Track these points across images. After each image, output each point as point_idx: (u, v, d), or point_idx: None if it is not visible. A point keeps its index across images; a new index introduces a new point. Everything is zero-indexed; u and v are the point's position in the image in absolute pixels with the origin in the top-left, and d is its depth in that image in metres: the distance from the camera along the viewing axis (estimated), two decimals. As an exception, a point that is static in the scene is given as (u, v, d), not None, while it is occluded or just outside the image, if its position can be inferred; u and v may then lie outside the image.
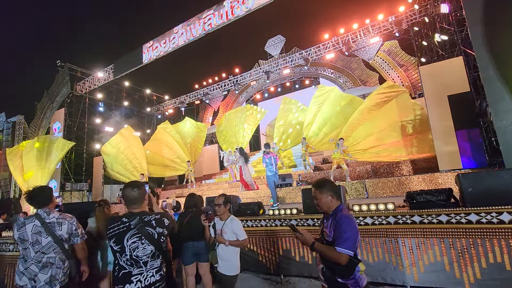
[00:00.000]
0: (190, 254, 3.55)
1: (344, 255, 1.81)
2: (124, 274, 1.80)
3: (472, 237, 3.28)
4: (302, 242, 2.00)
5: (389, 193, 7.10)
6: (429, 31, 11.51)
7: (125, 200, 1.97)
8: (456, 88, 7.06)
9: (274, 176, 7.34)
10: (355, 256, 1.86)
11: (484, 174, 3.38)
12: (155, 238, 1.84)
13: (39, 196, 2.39)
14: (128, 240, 1.79)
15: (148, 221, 1.87)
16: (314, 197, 2.07)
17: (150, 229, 1.85)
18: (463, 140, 6.92)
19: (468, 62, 8.25)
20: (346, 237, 1.83)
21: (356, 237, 1.88)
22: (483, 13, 5.45)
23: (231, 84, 17.93)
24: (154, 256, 1.85)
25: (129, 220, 1.84)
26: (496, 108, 5.21)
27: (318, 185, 2.06)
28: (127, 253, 1.78)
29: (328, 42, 14.43)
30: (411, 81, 14.39)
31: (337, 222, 1.92)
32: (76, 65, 16.61)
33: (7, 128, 17.63)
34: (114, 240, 1.81)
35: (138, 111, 20.59)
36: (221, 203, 3.04)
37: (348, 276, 1.87)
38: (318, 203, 2.06)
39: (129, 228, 1.82)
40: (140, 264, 1.80)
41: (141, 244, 1.80)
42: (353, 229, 1.88)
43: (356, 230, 1.89)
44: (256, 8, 10.31)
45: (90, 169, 16.12)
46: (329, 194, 2.01)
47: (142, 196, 1.98)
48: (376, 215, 3.82)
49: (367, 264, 3.82)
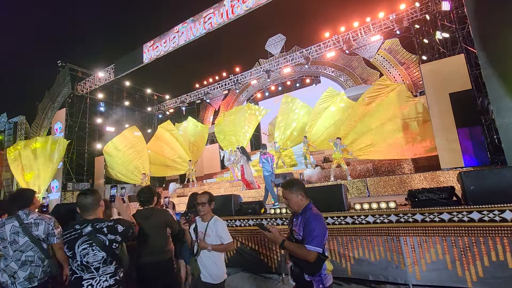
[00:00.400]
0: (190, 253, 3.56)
1: (313, 253, 1.86)
2: (76, 278, 1.89)
3: (474, 235, 3.27)
4: (272, 241, 2.04)
5: (391, 191, 7.09)
6: (430, 28, 11.46)
7: (79, 207, 2.04)
8: (458, 86, 7.04)
9: (271, 176, 7.58)
10: (323, 253, 1.91)
11: (486, 172, 3.37)
12: (106, 245, 1.91)
13: (19, 199, 2.53)
14: (78, 247, 1.87)
15: (99, 228, 1.94)
16: (284, 198, 2.11)
17: (101, 236, 1.92)
18: (464, 138, 6.90)
19: (469, 60, 8.22)
20: (315, 235, 1.88)
21: (324, 235, 1.93)
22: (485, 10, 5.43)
23: (232, 83, 17.90)
24: (106, 262, 1.92)
25: (81, 228, 1.93)
26: (498, 105, 5.20)
27: (287, 185, 2.11)
28: (78, 259, 1.87)
29: (328, 41, 14.39)
30: (412, 79, 14.33)
31: (307, 221, 1.96)
32: (77, 65, 16.62)
33: (9, 128, 17.69)
34: (67, 246, 1.91)
35: (139, 110, 20.61)
36: (205, 202, 2.70)
37: (315, 273, 1.92)
38: (289, 203, 2.09)
39: (80, 235, 1.90)
40: (91, 270, 1.88)
41: (92, 251, 1.88)
42: (322, 227, 1.93)
43: (324, 228, 1.95)
44: (256, 7, 10.28)
45: (91, 169, 16.15)
46: (299, 193, 2.05)
47: (96, 203, 2.06)
48: (378, 214, 3.81)
49: (368, 263, 3.82)
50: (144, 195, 3.16)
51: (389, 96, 8.98)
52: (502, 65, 5.12)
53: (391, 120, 8.86)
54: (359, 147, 9.22)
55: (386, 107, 8.98)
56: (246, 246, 4.93)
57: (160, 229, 3.09)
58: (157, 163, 14.32)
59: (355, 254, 3.93)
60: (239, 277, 4.70)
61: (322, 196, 4.38)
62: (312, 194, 4.41)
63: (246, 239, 4.94)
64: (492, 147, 7.44)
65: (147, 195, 3.16)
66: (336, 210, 4.14)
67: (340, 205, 4.13)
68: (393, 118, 8.81)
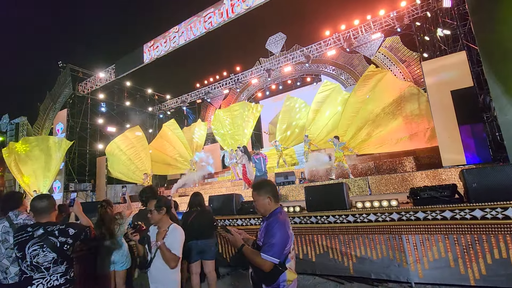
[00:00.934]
0: (194, 252, 3.59)
1: (268, 262, 1.73)
2: (26, 278, 2.00)
3: (477, 233, 3.26)
4: (232, 245, 1.95)
5: (392, 189, 7.08)
6: (431, 26, 11.40)
7: (33, 211, 2.15)
8: (459, 83, 7.00)
9: (262, 175, 7.85)
10: (281, 264, 1.77)
11: (488, 170, 3.35)
12: (57, 247, 2.03)
13: (9, 201, 2.72)
14: (29, 248, 1.98)
15: (51, 231, 2.06)
16: (253, 199, 2.02)
17: (52, 238, 2.03)
18: (466, 135, 6.87)
19: (471, 57, 8.17)
20: (273, 243, 1.75)
21: (285, 244, 1.78)
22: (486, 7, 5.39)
23: (232, 83, 17.90)
24: (57, 263, 2.04)
25: (32, 230, 2.04)
26: (500, 102, 5.16)
27: (256, 187, 2.01)
28: (28, 259, 1.97)
29: (329, 39, 14.34)
30: (413, 76, 14.28)
31: (268, 226, 1.85)
32: (77, 66, 16.66)
33: (11, 129, 17.76)
34: (17, 247, 2.00)
35: (140, 110, 20.63)
36: (153, 209, 2.40)
37: (271, 283, 1.80)
38: (256, 205, 2.00)
39: (32, 237, 2.01)
40: (41, 270, 2.00)
41: (42, 252, 1.99)
42: (283, 235, 1.78)
43: (286, 237, 1.79)
44: (256, 6, 10.25)
45: (93, 169, 16.20)
46: (266, 196, 1.93)
47: (51, 207, 2.20)
48: (380, 212, 3.80)
49: (370, 261, 3.81)
50: (146, 195, 3.20)
51: (380, 85, 8.98)
52: (504, 61, 5.09)
53: (385, 109, 8.86)
54: (358, 141, 9.21)
55: (379, 97, 8.96)
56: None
57: None
58: (160, 161, 14.37)
59: (357, 252, 3.93)
60: (240, 276, 4.70)
61: (323, 194, 4.38)
62: (313, 193, 4.44)
63: (248, 238, 4.95)
64: (494, 144, 7.40)
65: (148, 195, 3.19)
66: (338, 208, 4.13)
67: (341, 203, 4.12)
68: (388, 107, 8.80)
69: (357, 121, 9.28)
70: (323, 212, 4.22)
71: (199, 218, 3.70)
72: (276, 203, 1.96)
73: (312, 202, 4.40)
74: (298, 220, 4.45)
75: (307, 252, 4.33)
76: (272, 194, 1.95)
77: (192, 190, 12.47)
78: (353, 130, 9.32)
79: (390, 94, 8.84)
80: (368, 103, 9.10)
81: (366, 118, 9.08)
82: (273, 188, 2.00)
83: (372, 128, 9.00)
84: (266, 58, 17.34)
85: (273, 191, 1.98)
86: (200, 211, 3.80)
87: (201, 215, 3.75)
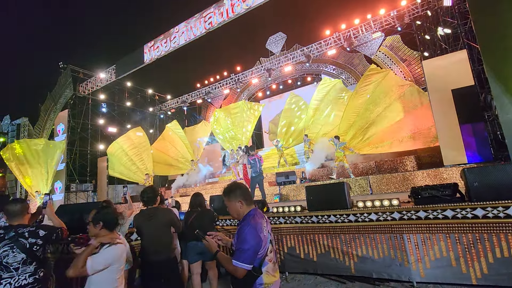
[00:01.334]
0: (194, 253, 3.61)
1: (239, 269, 1.68)
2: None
3: (478, 232, 3.25)
4: (208, 250, 1.93)
5: (394, 189, 7.07)
6: (431, 25, 11.38)
7: (6, 215, 2.29)
8: (460, 82, 6.99)
9: (258, 177, 7.82)
10: (256, 269, 1.73)
11: (490, 169, 3.34)
12: (27, 248, 2.14)
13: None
14: (0, 249, 2.10)
15: (21, 232, 2.19)
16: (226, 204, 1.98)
17: (22, 239, 2.16)
18: (467, 134, 6.86)
19: (472, 55, 8.16)
20: (244, 249, 1.70)
21: (257, 249, 1.72)
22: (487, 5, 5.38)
23: (233, 82, 17.90)
24: (26, 263, 2.15)
25: (4, 232, 2.17)
26: (501, 101, 5.14)
27: (226, 191, 1.96)
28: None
29: (329, 38, 14.32)
30: (414, 76, 14.25)
31: (239, 230, 1.81)
32: (78, 67, 16.68)
33: (12, 130, 17.82)
34: None
35: (140, 111, 20.66)
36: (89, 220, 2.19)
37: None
38: (228, 210, 1.96)
39: (2, 239, 2.13)
40: (10, 270, 2.10)
41: (12, 253, 2.11)
42: (254, 239, 1.71)
43: (257, 241, 1.72)
44: (256, 5, 10.25)
45: (94, 170, 16.23)
46: (237, 200, 1.89)
47: (24, 210, 2.33)
48: (381, 211, 3.80)
49: (372, 261, 3.81)
50: (147, 195, 3.19)
51: (381, 86, 8.96)
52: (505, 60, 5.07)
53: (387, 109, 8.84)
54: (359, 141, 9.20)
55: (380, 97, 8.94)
56: None
57: (164, 228, 3.13)
58: (162, 162, 14.42)
59: (358, 252, 3.93)
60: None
61: (324, 194, 4.38)
62: (314, 192, 4.44)
63: (249, 238, 4.95)
64: (496, 143, 7.39)
65: (150, 195, 3.19)
66: (339, 208, 4.13)
67: (342, 203, 4.12)
68: (389, 107, 8.79)
69: (358, 121, 9.27)
70: (324, 212, 4.22)
71: (199, 218, 3.72)
72: (248, 206, 1.91)
73: (313, 202, 4.41)
74: (299, 220, 4.45)
75: (309, 251, 4.33)
76: (243, 197, 1.91)
77: (193, 190, 12.48)
78: (354, 130, 9.30)
79: (391, 95, 8.82)
80: (369, 103, 9.08)
81: (367, 118, 9.07)
82: (244, 191, 1.94)
83: (373, 128, 8.98)
84: (267, 58, 17.33)
85: (243, 194, 1.93)
86: (200, 211, 3.81)
87: (201, 216, 3.77)
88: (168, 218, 3.19)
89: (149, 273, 2.98)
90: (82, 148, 16.84)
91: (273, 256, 1.85)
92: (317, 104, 11.35)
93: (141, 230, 3.11)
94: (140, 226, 3.11)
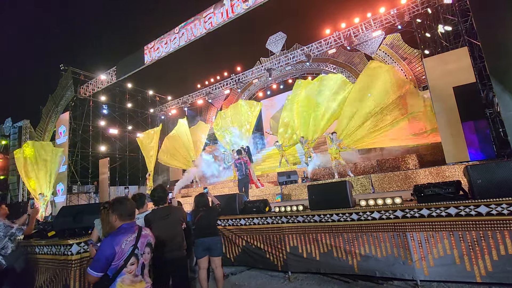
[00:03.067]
0: (202, 248, 3.76)
1: (90, 276, 1.87)
2: None
3: (482, 230, 3.23)
4: None
5: (396, 187, 7.05)
6: (432, 22, 11.35)
7: None
8: (461, 79, 6.95)
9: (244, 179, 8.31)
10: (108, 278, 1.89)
11: (493, 166, 3.32)
12: None
13: None
14: None
15: None
16: None
17: None
18: (470, 132, 6.82)
19: (473, 53, 8.14)
20: (96, 257, 1.89)
21: (109, 259, 1.88)
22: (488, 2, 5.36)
23: (233, 83, 17.89)
24: None
25: None
26: (503, 98, 5.14)
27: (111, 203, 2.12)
28: None
29: (329, 37, 14.30)
30: (415, 74, 14.23)
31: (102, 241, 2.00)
32: (79, 68, 16.73)
33: (14, 133, 17.86)
34: None
35: (141, 112, 20.69)
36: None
37: None
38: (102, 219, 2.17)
39: None
40: None
41: None
42: (106, 250, 1.88)
43: (110, 252, 1.88)
44: (256, 6, 10.25)
45: (96, 171, 16.26)
46: (114, 215, 2.05)
47: None
48: (384, 210, 3.78)
49: (375, 259, 3.79)
50: (158, 194, 3.22)
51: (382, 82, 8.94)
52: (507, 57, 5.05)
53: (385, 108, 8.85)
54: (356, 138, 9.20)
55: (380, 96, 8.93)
56: (251, 244, 4.93)
57: (178, 226, 3.22)
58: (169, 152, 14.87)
59: (361, 250, 3.91)
60: (244, 276, 4.70)
61: (326, 193, 4.36)
62: (316, 191, 4.44)
63: (251, 238, 4.94)
64: (498, 141, 7.36)
65: (161, 194, 3.23)
66: (341, 206, 4.11)
67: (345, 201, 4.11)
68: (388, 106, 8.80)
69: (355, 120, 9.26)
70: (327, 211, 4.20)
71: (207, 216, 3.88)
72: (122, 221, 2.05)
73: (315, 201, 4.39)
74: (301, 219, 4.44)
75: (311, 251, 4.32)
76: (119, 213, 2.05)
77: (194, 191, 12.49)
78: (349, 129, 9.30)
79: (391, 93, 8.80)
80: (369, 100, 9.07)
81: (365, 118, 9.07)
82: (124, 208, 2.08)
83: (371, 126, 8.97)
84: (267, 58, 17.33)
85: (122, 210, 2.07)
86: (207, 210, 3.95)
87: (209, 214, 3.92)
88: (181, 215, 3.30)
89: (162, 271, 3.01)
90: (84, 149, 16.89)
91: (135, 269, 1.99)
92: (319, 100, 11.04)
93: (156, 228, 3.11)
94: (154, 225, 3.08)
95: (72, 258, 3.48)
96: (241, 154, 8.62)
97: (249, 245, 4.95)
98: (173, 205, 3.72)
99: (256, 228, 4.88)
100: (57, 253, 3.68)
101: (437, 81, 7.36)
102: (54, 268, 3.72)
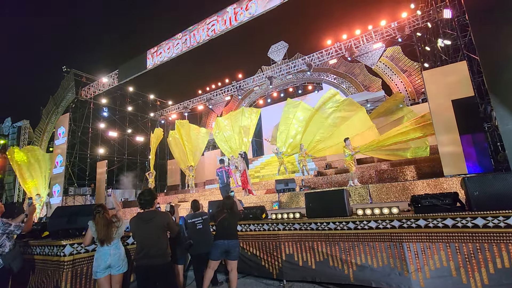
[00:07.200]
0: (219, 251, 3.77)
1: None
2: None
3: (479, 242, 3.21)
4: None
5: (393, 198, 7.03)
6: (432, 36, 11.53)
7: None
8: (460, 93, 7.01)
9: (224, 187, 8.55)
10: None
11: (490, 178, 3.33)
12: None
13: None
14: None
15: None
16: None
17: None
18: (468, 145, 6.84)
19: (471, 67, 8.24)
20: None
21: None
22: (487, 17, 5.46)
23: (234, 90, 18.01)
24: None
25: None
26: (501, 112, 5.18)
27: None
28: None
29: (331, 48, 14.49)
30: (414, 86, 14.37)
31: None
32: (81, 71, 16.84)
33: (13, 132, 17.83)
34: None
35: (141, 116, 20.73)
36: None
37: None
38: None
39: None
40: None
41: None
42: None
43: None
44: (260, 14, 10.40)
45: (93, 174, 16.17)
46: None
47: None
48: (381, 219, 3.76)
49: (371, 269, 3.75)
50: (145, 197, 3.06)
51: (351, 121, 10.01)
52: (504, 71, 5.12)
53: None
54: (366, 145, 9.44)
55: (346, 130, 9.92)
56: (247, 251, 4.88)
57: (162, 232, 3.05)
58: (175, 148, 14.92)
59: (357, 260, 3.87)
60: (239, 284, 4.62)
61: (324, 201, 4.35)
62: (314, 199, 4.42)
63: (247, 245, 4.89)
64: (496, 154, 7.38)
65: (147, 198, 3.06)
66: (338, 215, 4.09)
67: (342, 210, 4.09)
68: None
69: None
70: (323, 219, 4.18)
71: (230, 219, 3.90)
72: None
73: (313, 209, 4.37)
74: (298, 227, 4.41)
75: (307, 259, 4.28)
76: None
77: (191, 196, 12.41)
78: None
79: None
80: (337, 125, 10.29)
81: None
82: None
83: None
84: (268, 66, 17.49)
85: None
86: (231, 213, 3.95)
87: (232, 217, 3.93)
88: (165, 221, 3.09)
89: (144, 278, 2.92)
90: (82, 151, 16.84)
91: None
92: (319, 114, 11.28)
93: (137, 233, 3.03)
94: (136, 229, 3.01)
95: (65, 260, 3.43)
96: (223, 163, 8.88)
97: (245, 251, 4.90)
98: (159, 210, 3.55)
99: (252, 234, 4.84)
100: (49, 254, 3.64)
101: (436, 94, 7.42)
102: (45, 269, 3.66)
